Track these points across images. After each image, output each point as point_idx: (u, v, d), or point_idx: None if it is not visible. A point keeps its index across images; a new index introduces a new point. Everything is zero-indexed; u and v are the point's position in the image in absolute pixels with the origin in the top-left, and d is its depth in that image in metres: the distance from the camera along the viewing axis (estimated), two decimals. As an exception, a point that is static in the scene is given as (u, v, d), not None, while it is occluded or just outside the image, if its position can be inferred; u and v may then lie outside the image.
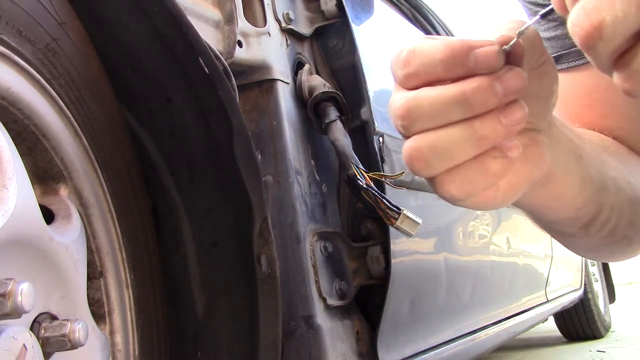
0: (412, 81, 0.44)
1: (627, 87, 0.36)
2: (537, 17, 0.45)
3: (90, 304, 0.76)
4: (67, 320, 0.67)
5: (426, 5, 2.45)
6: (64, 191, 0.75)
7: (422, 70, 0.44)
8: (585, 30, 0.35)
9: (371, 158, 1.37)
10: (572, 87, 0.72)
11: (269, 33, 1.31)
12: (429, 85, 0.44)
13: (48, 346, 0.65)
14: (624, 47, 0.35)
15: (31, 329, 0.65)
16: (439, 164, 0.44)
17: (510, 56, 0.44)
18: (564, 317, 3.82)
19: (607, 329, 4.00)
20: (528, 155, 0.48)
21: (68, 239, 0.71)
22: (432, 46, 0.43)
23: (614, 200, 0.61)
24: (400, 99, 0.44)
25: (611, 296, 4.32)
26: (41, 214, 0.67)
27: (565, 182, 0.55)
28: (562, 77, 0.73)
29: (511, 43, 0.43)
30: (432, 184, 0.46)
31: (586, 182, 0.57)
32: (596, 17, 0.34)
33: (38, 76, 0.69)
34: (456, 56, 0.42)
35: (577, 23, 0.35)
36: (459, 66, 0.43)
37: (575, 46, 0.55)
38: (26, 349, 0.60)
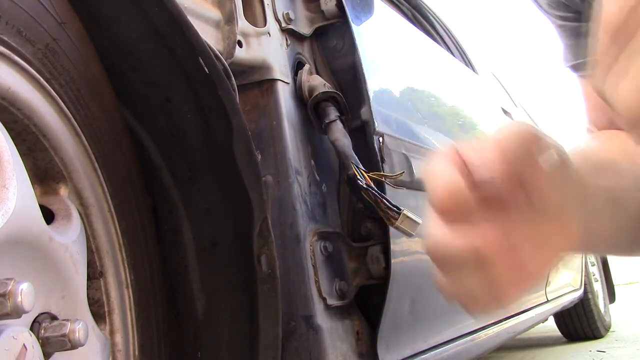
0: None
1: None
2: None
3: (90, 304, 0.76)
4: (67, 320, 0.67)
5: (426, 5, 2.45)
6: (64, 191, 0.75)
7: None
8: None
9: (371, 158, 1.37)
10: (592, 90, 0.74)
11: (269, 33, 1.31)
12: None
13: (48, 346, 0.65)
14: None
15: (31, 329, 0.64)
16: (470, 301, 0.52)
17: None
18: (564, 317, 3.82)
19: (607, 329, 3.99)
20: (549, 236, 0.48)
21: (68, 239, 0.71)
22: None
23: None
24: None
25: (611, 296, 4.31)
26: (41, 214, 0.67)
27: (606, 227, 0.55)
28: (585, 82, 0.74)
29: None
30: None
31: (630, 213, 0.57)
32: None
33: (38, 76, 0.69)
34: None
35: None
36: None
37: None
38: (26, 349, 0.60)
